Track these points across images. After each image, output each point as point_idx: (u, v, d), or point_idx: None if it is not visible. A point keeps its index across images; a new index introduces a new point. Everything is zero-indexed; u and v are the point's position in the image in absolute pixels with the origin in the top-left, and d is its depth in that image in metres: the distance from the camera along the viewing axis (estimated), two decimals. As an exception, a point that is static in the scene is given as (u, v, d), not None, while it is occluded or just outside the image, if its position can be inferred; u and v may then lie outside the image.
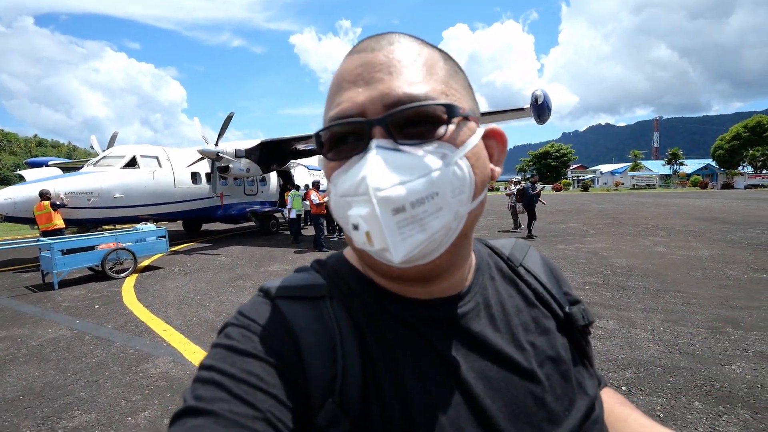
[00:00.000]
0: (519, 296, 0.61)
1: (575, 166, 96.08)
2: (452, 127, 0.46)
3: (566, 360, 0.57)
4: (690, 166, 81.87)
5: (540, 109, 9.12)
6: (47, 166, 15.77)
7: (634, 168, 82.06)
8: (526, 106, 9.76)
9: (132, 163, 11.69)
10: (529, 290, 0.62)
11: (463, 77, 0.52)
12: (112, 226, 12.21)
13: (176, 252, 10.94)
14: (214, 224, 16.72)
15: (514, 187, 13.00)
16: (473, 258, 0.59)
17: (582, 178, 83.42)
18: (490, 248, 0.67)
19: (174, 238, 13.24)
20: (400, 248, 0.42)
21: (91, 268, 7.99)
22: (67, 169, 14.46)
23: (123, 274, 7.95)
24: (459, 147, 0.46)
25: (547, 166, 78.12)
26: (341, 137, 0.47)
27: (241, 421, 0.40)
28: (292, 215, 12.37)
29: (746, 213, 16.03)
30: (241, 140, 13.99)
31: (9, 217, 9.70)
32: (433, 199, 0.42)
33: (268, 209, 15.24)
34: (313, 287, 0.53)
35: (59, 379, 3.70)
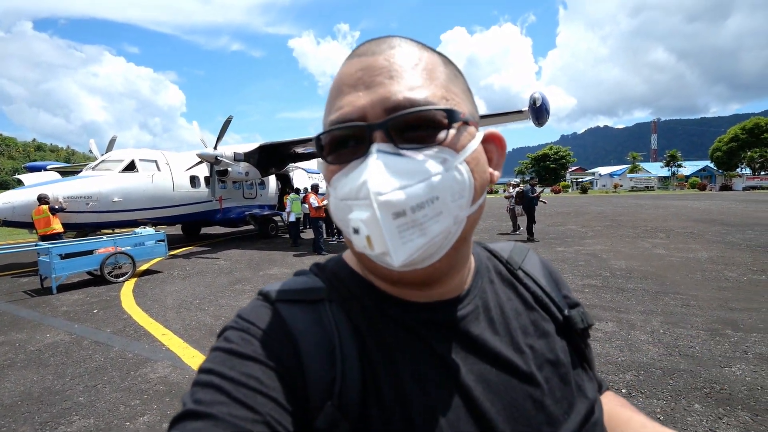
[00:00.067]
0: (518, 299, 0.61)
1: (574, 168, 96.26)
2: (452, 132, 0.46)
3: (565, 363, 0.57)
4: (688, 167, 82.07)
5: (538, 112, 9.14)
6: (46, 170, 15.74)
7: (632, 170, 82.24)
8: (525, 108, 9.77)
9: (131, 167, 11.69)
10: (528, 293, 0.62)
11: (463, 81, 0.53)
12: (110, 230, 12.19)
13: (175, 256, 10.92)
14: (213, 228, 16.73)
15: (512, 190, 13.00)
16: (472, 261, 0.59)
17: (581, 180, 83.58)
18: (489, 251, 0.67)
19: (173, 242, 13.24)
20: (400, 252, 0.42)
21: (89, 273, 7.98)
22: (66, 173, 14.43)
23: (122, 279, 7.93)
24: (459, 152, 0.46)
25: (545, 168, 78.25)
26: (342, 141, 0.47)
27: (241, 424, 0.40)
28: (292, 218, 12.38)
29: (745, 215, 16.05)
30: (240, 144, 14.02)
31: (7, 221, 9.68)
32: (433, 203, 0.42)
33: (267, 213, 15.27)
34: (312, 291, 0.53)
35: (58, 384, 3.68)
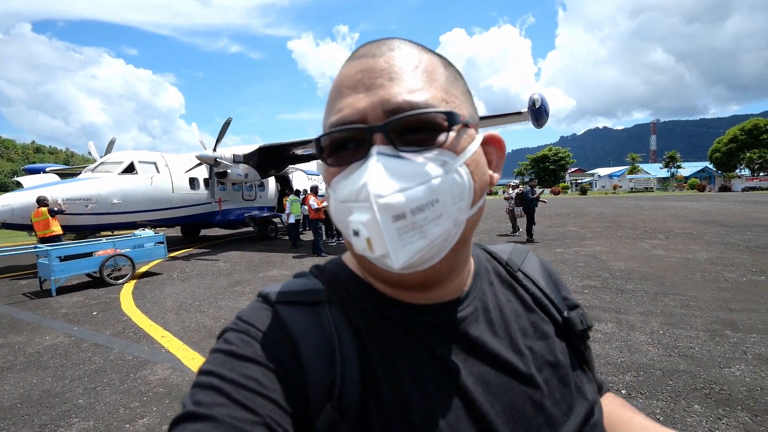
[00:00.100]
0: (517, 301, 0.61)
1: (573, 169, 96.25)
2: (452, 135, 0.46)
3: (565, 365, 0.57)
4: (687, 168, 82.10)
5: (537, 113, 9.15)
6: (45, 172, 15.77)
7: (631, 171, 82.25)
8: (524, 110, 9.78)
9: (130, 169, 11.69)
10: (528, 295, 0.62)
11: (463, 83, 0.53)
12: (110, 233, 12.18)
13: (174, 258, 10.91)
14: (213, 230, 16.72)
15: (512, 191, 13.00)
16: (472, 263, 0.59)
17: (580, 181, 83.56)
18: (489, 253, 0.68)
19: (172, 243, 13.23)
20: (400, 255, 0.42)
21: (89, 275, 7.97)
22: (65, 175, 14.46)
23: (121, 281, 7.93)
24: (459, 154, 0.46)
25: (545, 169, 78.24)
26: (342, 143, 0.47)
27: (241, 426, 0.40)
28: (291, 220, 12.38)
29: (744, 215, 16.05)
30: (239, 145, 14.02)
31: (6, 224, 9.69)
32: (433, 206, 0.43)
33: (266, 214, 15.24)
34: (311, 292, 0.53)
35: (57, 386, 3.68)
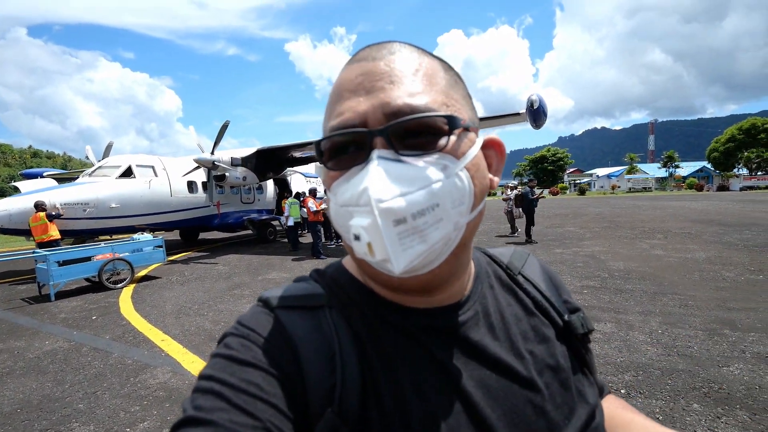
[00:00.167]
0: (518, 305, 0.61)
1: (572, 170, 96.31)
2: (453, 139, 0.46)
3: (566, 368, 0.57)
4: (686, 168, 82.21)
5: (536, 114, 9.16)
6: (42, 177, 15.71)
7: (630, 171, 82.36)
8: (522, 110, 9.79)
9: (128, 173, 11.67)
10: (528, 298, 0.62)
11: (463, 87, 0.53)
12: (108, 237, 12.16)
13: (173, 261, 10.90)
14: (212, 233, 16.70)
15: (510, 192, 13.00)
16: (472, 267, 0.59)
17: (578, 181, 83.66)
18: (489, 257, 0.67)
19: (171, 247, 13.20)
20: (401, 259, 0.42)
21: (88, 279, 7.97)
22: (63, 180, 14.41)
23: (120, 285, 7.92)
24: (460, 158, 0.46)
25: (543, 170, 78.28)
26: (342, 147, 0.47)
27: (241, 430, 0.40)
28: (290, 223, 12.36)
29: (742, 215, 16.09)
30: (237, 148, 14.01)
31: (4, 229, 9.65)
32: (433, 210, 0.42)
33: (265, 217, 15.23)
34: (312, 297, 0.53)
35: (57, 391, 3.67)
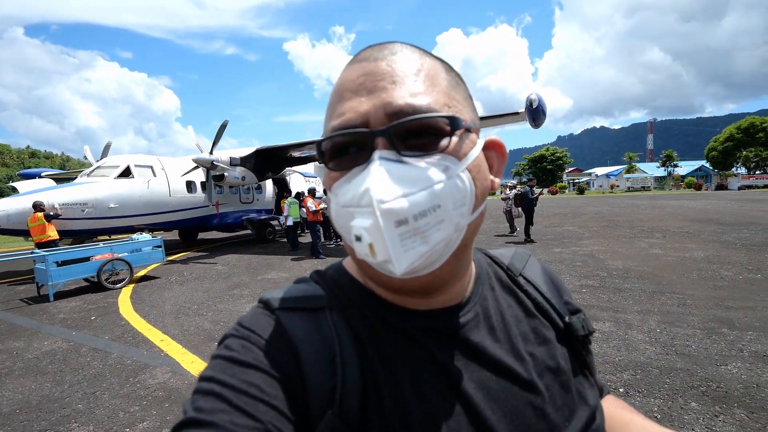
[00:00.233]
0: (518, 306, 0.61)
1: (571, 169, 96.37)
2: (455, 140, 0.46)
3: (566, 370, 0.57)
4: (684, 167, 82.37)
5: (535, 113, 9.15)
6: (40, 177, 15.68)
7: (629, 170, 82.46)
8: (521, 110, 9.78)
9: (126, 173, 11.65)
10: (529, 300, 0.62)
11: (464, 88, 0.53)
12: (107, 237, 12.14)
13: (172, 261, 10.89)
14: (211, 233, 16.68)
15: (509, 192, 13.00)
16: (473, 268, 0.59)
17: (577, 181, 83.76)
18: (490, 258, 0.67)
19: (170, 247, 13.18)
20: (402, 260, 0.42)
21: (86, 280, 7.96)
22: (61, 180, 14.39)
23: (119, 285, 7.91)
24: (461, 159, 0.46)
25: (542, 169, 78.33)
26: (343, 147, 0.47)
27: None
28: (290, 222, 12.35)
29: (740, 214, 16.12)
30: (236, 148, 14.00)
31: (2, 229, 9.63)
32: (435, 211, 0.42)
33: (264, 217, 15.22)
34: (312, 298, 0.53)
35: (56, 391, 3.67)
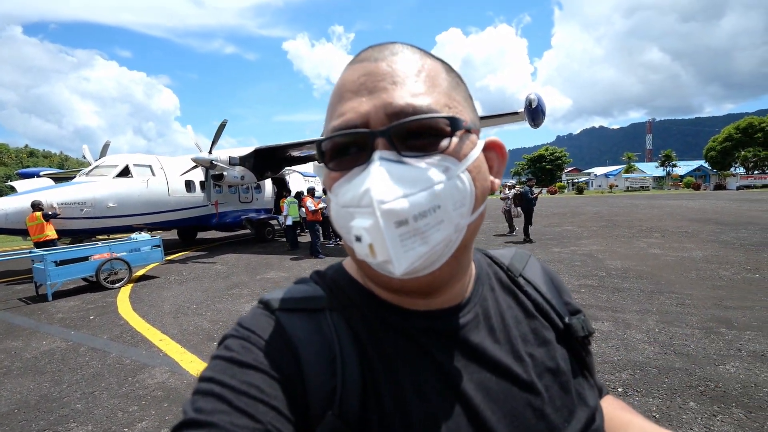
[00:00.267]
0: (518, 307, 0.61)
1: (570, 169, 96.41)
2: (455, 140, 0.46)
3: (566, 371, 0.57)
4: (683, 167, 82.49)
5: (534, 113, 9.15)
6: (39, 176, 15.64)
7: (627, 170, 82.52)
8: (521, 110, 9.78)
9: (125, 172, 11.63)
10: (529, 301, 0.62)
11: (465, 89, 0.53)
12: (106, 236, 12.12)
13: (171, 261, 10.88)
14: (210, 232, 16.67)
15: (508, 191, 13.00)
16: (473, 268, 0.59)
17: (576, 180, 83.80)
18: (490, 258, 0.67)
19: (169, 246, 13.17)
20: (402, 261, 0.42)
21: (85, 279, 7.94)
22: (59, 179, 14.36)
23: (118, 285, 7.90)
24: (461, 160, 0.46)
25: (541, 169, 78.36)
26: (343, 147, 0.47)
27: None
28: (289, 222, 12.35)
29: (738, 214, 16.15)
30: (235, 147, 13.98)
31: (1, 228, 9.61)
32: (435, 212, 0.42)
33: (263, 216, 15.20)
34: (312, 299, 0.53)
35: (54, 391, 3.66)
